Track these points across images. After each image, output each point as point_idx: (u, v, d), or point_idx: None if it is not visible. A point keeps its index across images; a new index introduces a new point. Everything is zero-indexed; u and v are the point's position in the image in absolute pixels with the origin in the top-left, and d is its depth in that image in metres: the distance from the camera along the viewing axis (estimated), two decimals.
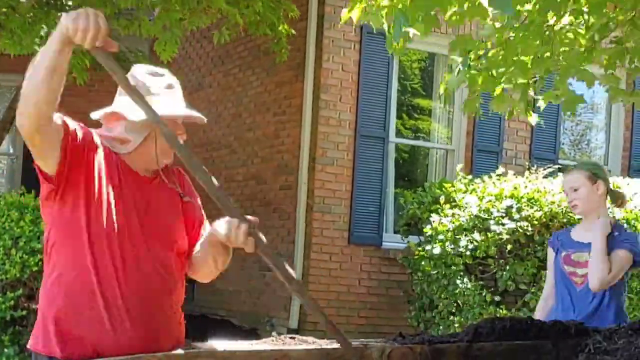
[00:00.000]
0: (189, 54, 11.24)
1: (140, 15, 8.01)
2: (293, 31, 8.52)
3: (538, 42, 4.53)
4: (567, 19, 4.66)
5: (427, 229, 7.40)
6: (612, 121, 10.30)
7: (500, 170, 7.98)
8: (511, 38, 4.58)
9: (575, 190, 4.38)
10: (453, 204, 7.51)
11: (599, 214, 4.39)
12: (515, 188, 7.18)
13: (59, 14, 7.86)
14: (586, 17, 4.58)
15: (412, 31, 4.27)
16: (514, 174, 7.63)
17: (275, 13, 8.22)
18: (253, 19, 8.24)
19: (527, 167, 8.25)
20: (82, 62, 7.99)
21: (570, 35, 4.71)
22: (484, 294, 7.07)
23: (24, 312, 6.14)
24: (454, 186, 7.76)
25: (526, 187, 7.22)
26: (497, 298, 7.12)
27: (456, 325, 6.92)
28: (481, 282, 7.25)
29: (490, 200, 7.14)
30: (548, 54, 4.61)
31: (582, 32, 4.68)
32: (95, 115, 2.79)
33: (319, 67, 8.62)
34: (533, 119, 5.28)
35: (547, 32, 4.57)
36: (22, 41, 7.40)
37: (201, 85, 10.84)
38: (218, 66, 10.50)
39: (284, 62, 8.74)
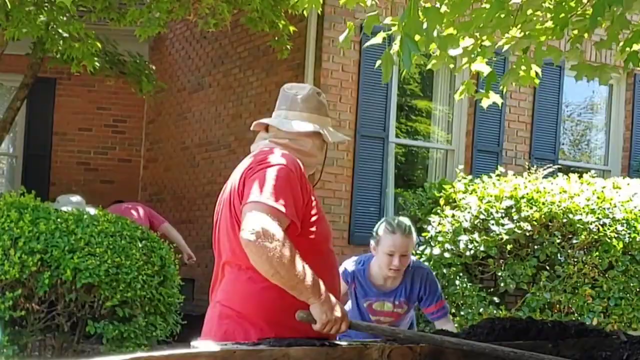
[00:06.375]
0: (188, 54, 11.23)
1: (131, 7, 8.02)
2: (294, 28, 8.51)
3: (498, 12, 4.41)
4: None
5: (426, 233, 7.40)
6: (612, 121, 10.30)
7: (500, 170, 7.98)
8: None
9: (404, 255, 4.38)
10: (453, 204, 7.51)
11: None
12: (515, 188, 7.17)
13: (62, 5, 7.86)
14: None
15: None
16: (514, 174, 7.62)
17: (275, 10, 8.22)
18: (252, 16, 8.24)
19: (527, 167, 8.25)
20: (91, 47, 7.96)
21: (539, 12, 4.61)
22: (483, 294, 7.07)
23: (23, 313, 6.13)
24: (453, 187, 7.76)
25: (526, 187, 7.21)
26: (496, 298, 7.12)
27: (455, 325, 6.92)
28: (480, 283, 7.25)
29: (489, 201, 7.13)
30: (502, 15, 4.47)
31: (551, 7, 4.57)
32: (288, 127, 3.14)
33: (319, 68, 8.62)
34: (487, 101, 5.05)
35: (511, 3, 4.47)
36: (26, 26, 7.46)
37: (201, 85, 10.83)
38: (218, 66, 10.50)
39: (284, 63, 8.73)
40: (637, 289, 6.99)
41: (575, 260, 6.83)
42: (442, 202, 7.67)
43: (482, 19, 4.45)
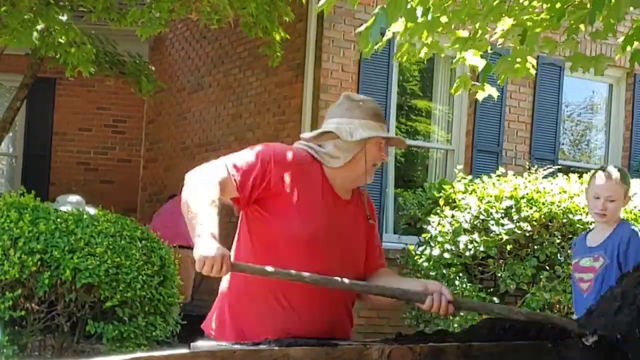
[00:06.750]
0: (188, 54, 11.23)
1: (131, 7, 8.01)
2: (287, 36, 8.51)
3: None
4: None
5: (426, 234, 7.39)
6: (612, 121, 10.30)
7: (500, 170, 7.98)
8: None
9: (612, 201, 4.27)
10: (453, 204, 7.51)
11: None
12: (515, 189, 7.17)
13: (58, 11, 7.83)
14: None
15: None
16: (514, 175, 7.62)
17: (270, 16, 8.21)
18: (247, 21, 8.24)
19: (527, 167, 8.25)
20: (87, 54, 7.95)
21: (535, 3, 4.61)
22: (483, 295, 7.06)
23: (23, 313, 6.13)
24: (453, 187, 7.75)
25: (526, 187, 7.21)
26: (496, 299, 7.11)
27: (456, 325, 6.92)
28: (480, 284, 7.24)
29: (489, 202, 7.14)
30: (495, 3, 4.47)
31: None
32: (307, 135, 3.08)
33: (319, 68, 8.62)
34: (482, 94, 5.07)
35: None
36: (22, 36, 7.43)
37: (201, 85, 10.83)
38: (218, 66, 10.50)
39: (284, 63, 8.73)
40: None
41: None
42: (441, 202, 7.66)
43: (474, 4, 4.44)
